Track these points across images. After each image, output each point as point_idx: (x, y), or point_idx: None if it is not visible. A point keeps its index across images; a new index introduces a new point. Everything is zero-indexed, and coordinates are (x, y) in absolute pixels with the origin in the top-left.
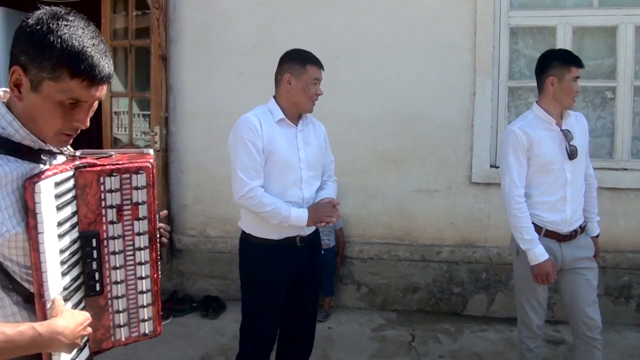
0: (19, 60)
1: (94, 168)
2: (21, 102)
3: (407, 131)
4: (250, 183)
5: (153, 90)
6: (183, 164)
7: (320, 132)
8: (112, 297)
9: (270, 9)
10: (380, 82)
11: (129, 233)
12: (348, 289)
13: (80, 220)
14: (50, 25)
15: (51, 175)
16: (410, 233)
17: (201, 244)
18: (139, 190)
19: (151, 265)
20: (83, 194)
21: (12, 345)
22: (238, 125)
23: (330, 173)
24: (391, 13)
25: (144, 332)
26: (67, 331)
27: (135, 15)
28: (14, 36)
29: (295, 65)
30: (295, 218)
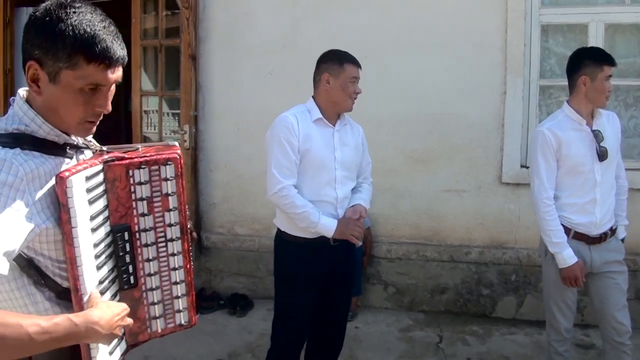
0: (33, 54)
1: (122, 161)
2: (41, 97)
3: (436, 131)
4: (283, 181)
5: (183, 89)
6: (212, 162)
7: (358, 134)
8: (147, 289)
9: (298, 8)
10: (409, 81)
11: (160, 225)
12: (375, 289)
13: (112, 214)
14: (60, 15)
15: (81, 170)
16: (439, 233)
17: (229, 242)
18: (168, 182)
19: (183, 255)
20: (113, 188)
21: (48, 337)
22: (275, 124)
23: (367, 175)
24: (419, 11)
25: (180, 323)
26: (103, 321)
27: (165, 15)
28: (24, 32)
29: (333, 65)
30: (323, 226)
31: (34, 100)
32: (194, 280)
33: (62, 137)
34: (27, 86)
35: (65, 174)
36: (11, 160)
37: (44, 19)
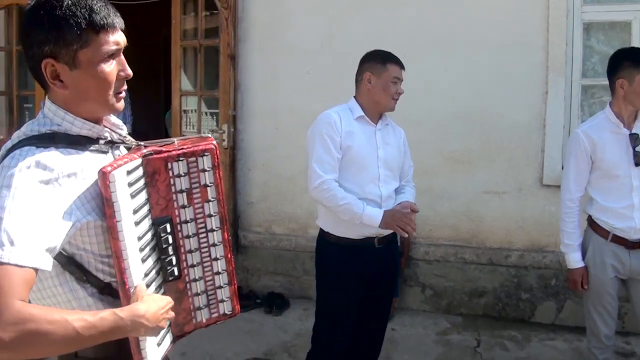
0: (45, 52)
1: (160, 155)
2: (67, 90)
3: (476, 131)
4: (324, 175)
5: (221, 89)
6: (250, 161)
7: (399, 136)
8: (190, 280)
9: (336, 8)
10: (449, 81)
11: (200, 216)
12: (413, 291)
13: (153, 207)
14: (52, 4)
15: (122, 164)
16: (478, 236)
17: (266, 241)
18: (206, 173)
19: (224, 245)
20: (153, 181)
21: (95, 332)
22: (317, 120)
23: (409, 179)
24: (459, 9)
25: (224, 312)
26: (149, 314)
27: (204, 16)
28: (24, 38)
29: (376, 64)
30: (368, 216)
31: (60, 100)
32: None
33: (94, 129)
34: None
35: (108, 169)
36: (47, 159)
37: (40, 13)
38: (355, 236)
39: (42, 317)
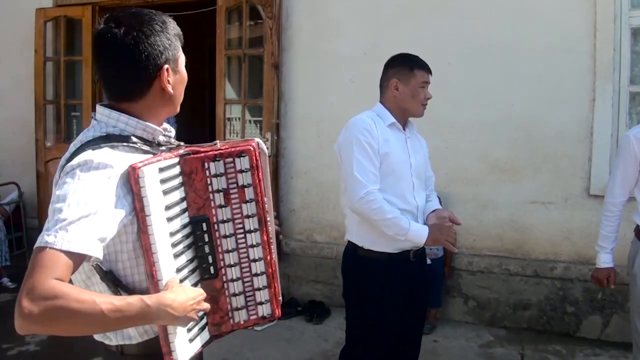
0: (162, 61)
1: (197, 155)
2: (171, 92)
3: (522, 139)
4: (369, 185)
5: (265, 98)
6: (292, 169)
7: (423, 146)
8: (228, 280)
9: (380, 16)
10: (493, 88)
11: (238, 216)
12: (455, 302)
13: (190, 206)
14: (164, 24)
15: (154, 162)
16: (523, 246)
17: (307, 249)
18: (244, 173)
19: (263, 247)
20: (190, 180)
21: (120, 315)
22: (351, 126)
23: (432, 188)
24: (504, 15)
25: (262, 315)
26: (176, 303)
27: (248, 25)
28: (140, 50)
29: (402, 70)
30: (414, 232)
31: (143, 110)
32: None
33: (148, 128)
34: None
35: (138, 165)
36: (105, 157)
37: (158, 28)
38: (393, 250)
39: (72, 295)
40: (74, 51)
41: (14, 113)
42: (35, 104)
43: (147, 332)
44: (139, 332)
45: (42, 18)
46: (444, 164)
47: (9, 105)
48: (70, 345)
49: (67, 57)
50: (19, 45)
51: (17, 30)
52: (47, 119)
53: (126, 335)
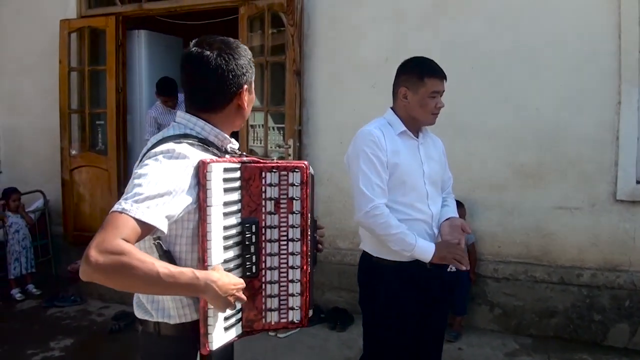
0: (243, 81)
1: (257, 164)
2: (244, 108)
3: (546, 144)
4: (375, 199)
5: (287, 105)
6: (315, 176)
7: (439, 147)
8: (266, 281)
9: (402, 22)
10: (517, 92)
11: (284, 224)
12: (481, 310)
13: (243, 208)
14: (242, 49)
15: (221, 162)
16: (549, 253)
17: (330, 256)
18: (295, 187)
19: (302, 257)
20: (247, 185)
21: (173, 281)
22: (358, 137)
23: (449, 190)
24: (527, 19)
25: (292, 320)
26: (220, 282)
27: (270, 33)
28: (224, 68)
29: (412, 78)
30: (420, 249)
31: (221, 118)
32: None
33: (220, 135)
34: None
35: (207, 160)
36: (182, 149)
37: (238, 55)
38: (405, 259)
39: (135, 254)
40: (98, 61)
41: (39, 122)
42: (60, 113)
43: (185, 315)
44: (179, 314)
45: (66, 29)
46: (469, 170)
47: (34, 114)
48: (94, 352)
49: (91, 66)
50: (44, 56)
51: (42, 41)
52: (72, 128)
53: (167, 314)
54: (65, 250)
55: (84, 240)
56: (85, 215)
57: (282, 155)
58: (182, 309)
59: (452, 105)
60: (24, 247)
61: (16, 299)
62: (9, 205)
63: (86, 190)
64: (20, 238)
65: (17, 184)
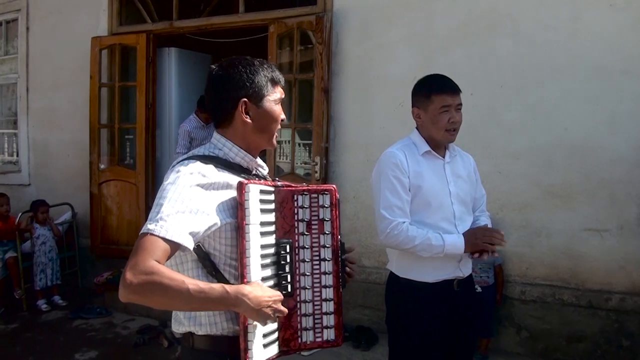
0: (241, 94)
1: (289, 188)
2: (252, 123)
3: (576, 164)
4: (394, 220)
5: (315, 122)
6: (341, 193)
7: (469, 165)
8: (301, 300)
9: (431, 40)
10: (547, 111)
11: (315, 245)
12: (507, 332)
13: (278, 229)
14: (246, 61)
15: (257, 183)
16: (577, 276)
17: (356, 274)
18: (325, 209)
19: (334, 276)
20: (281, 208)
21: (204, 296)
22: (381, 160)
23: (483, 208)
24: (557, 38)
25: (327, 339)
26: (252, 295)
27: (299, 50)
28: (218, 85)
29: (420, 98)
30: (450, 245)
31: (239, 133)
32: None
33: (246, 157)
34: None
35: (245, 182)
36: (205, 170)
37: (238, 68)
38: (433, 280)
39: (166, 273)
40: (128, 77)
41: (69, 136)
42: (90, 127)
43: (216, 324)
44: (209, 322)
45: (97, 46)
46: (496, 190)
47: (65, 128)
48: None
49: (122, 82)
50: (75, 72)
51: (74, 57)
52: (102, 142)
53: (197, 322)
54: (92, 262)
55: (111, 253)
56: (112, 228)
57: (309, 172)
58: (212, 317)
59: (480, 124)
60: (50, 259)
61: (42, 310)
62: (37, 217)
63: (114, 203)
64: (47, 250)
65: (45, 196)
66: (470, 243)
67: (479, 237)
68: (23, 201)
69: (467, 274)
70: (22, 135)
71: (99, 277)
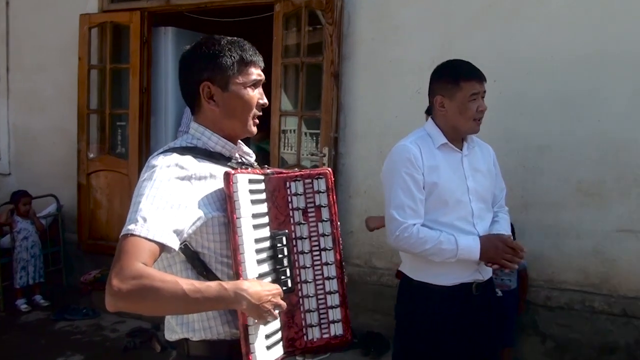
0: (203, 78)
1: (280, 175)
2: (218, 108)
3: (610, 159)
4: (404, 221)
5: (323, 109)
6: (351, 187)
7: (489, 156)
8: (303, 295)
9: (450, 22)
10: (578, 102)
11: (314, 234)
12: (531, 341)
13: (271, 221)
14: (212, 41)
15: (245, 173)
16: (609, 281)
17: (366, 275)
18: (321, 194)
19: (336, 266)
20: (273, 197)
21: (200, 296)
22: (394, 153)
23: (502, 203)
24: (592, 21)
25: (335, 334)
26: (251, 290)
27: (307, 32)
28: (184, 67)
29: (446, 85)
30: (465, 250)
31: (208, 119)
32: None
33: (227, 146)
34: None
35: (232, 171)
36: (183, 161)
37: (202, 49)
38: (449, 283)
39: (156, 275)
40: (121, 58)
41: (55, 122)
42: (78, 113)
43: (211, 328)
44: (203, 326)
45: (86, 24)
46: (520, 186)
47: (50, 113)
48: None
49: (113, 64)
50: (62, 52)
51: (60, 36)
52: (91, 129)
53: (190, 328)
54: (79, 259)
55: (99, 249)
56: (101, 222)
57: (316, 164)
58: (207, 321)
59: (504, 114)
60: (32, 255)
61: (21, 310)
62: (19, 209)
63: (103, 195)
64: (29, 245)
65: (28, 187)
66: (488, 255)
67: (499, 252)
68: (3, 192)
69: (487, 277)
70: (1, 119)
71: (86, 275)
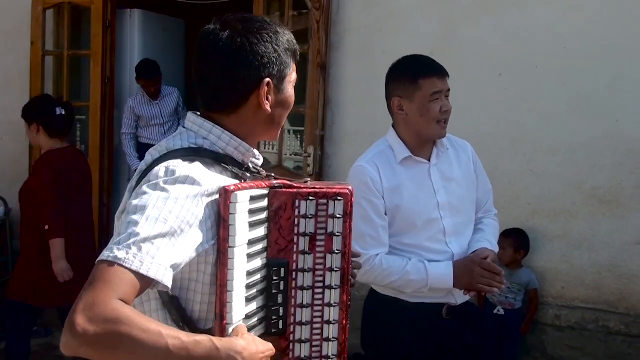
0: (265, 74)
1: (290, 189)
2: (270, 110)
3: (628, 163)
4: (366, 253)
5: (309, 104)
6: None
7: (465, 157)
8: (295, 340)
9: (453, 8)
10: (594, 98)
11: (320, 267)
12: None
13: (270, 246)
14: (268, 33)
15: (248, 188)
16: (627, 299)
17: (354, 290)
18: (335, 220)
19: (341, 309)
20: (276, 217)
21: (186, 354)
22: (350, 177)
23: (488, 207)
24: (610, 9)
25: None
26: (246, 353)
27: (291, 17)
28: (235, 58)
29: (403, 84)
30: (436, 279)
31: (234, 124)
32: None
33: (241, 147)
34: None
35: (231, 188)
36: (196, 174)
37: (263, 40)
38: (414, 300)
39: (136, 322)
40: (80, 44)
41: (2, 115)
42: None
43: None
44: None
45: (40, 4)
46: (527, 192)
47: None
48: None
49: (72, 51)
50: (11, 36)
51: (9, 18)
52: None
53: None
54: None
55: None
56: None
57: (300, 165)
58: None
59: (510, 111)
60: None
61: None
62: None
63: None
64: None
65: None
66: (462, 281)
67: (474, 277)
68: None
69: (462, 301)
70: None
71: None
